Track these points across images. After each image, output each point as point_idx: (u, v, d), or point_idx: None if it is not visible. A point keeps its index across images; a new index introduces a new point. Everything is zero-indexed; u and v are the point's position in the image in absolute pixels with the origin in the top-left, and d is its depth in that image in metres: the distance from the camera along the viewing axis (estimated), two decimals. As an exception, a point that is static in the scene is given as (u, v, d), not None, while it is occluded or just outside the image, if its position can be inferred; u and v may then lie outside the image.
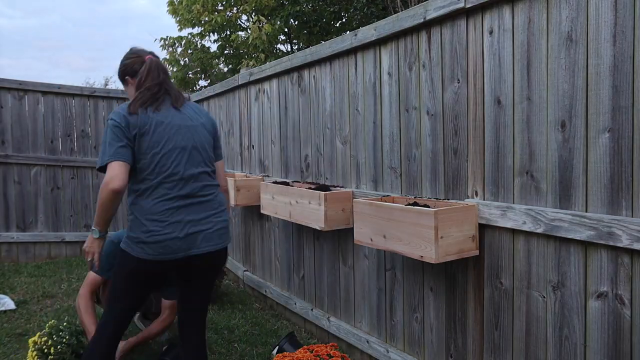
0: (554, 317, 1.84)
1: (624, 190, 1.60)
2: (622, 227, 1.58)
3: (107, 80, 25.42)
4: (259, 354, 3.13)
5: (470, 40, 2.10)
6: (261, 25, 8.73)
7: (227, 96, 4.87)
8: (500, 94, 1.99)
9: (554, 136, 1.80)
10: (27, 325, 3.67)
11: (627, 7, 1.56)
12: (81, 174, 5.90)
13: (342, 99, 2.98)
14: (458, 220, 2.01)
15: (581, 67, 1.70)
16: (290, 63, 3.46)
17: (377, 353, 2.75)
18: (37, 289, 4.54)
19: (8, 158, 5.53)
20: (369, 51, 2.73)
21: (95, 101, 5.97)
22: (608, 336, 1.67)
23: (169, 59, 10.63)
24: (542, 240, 1.86)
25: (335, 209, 2.81)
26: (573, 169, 1.75)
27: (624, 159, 1.60)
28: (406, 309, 2.58)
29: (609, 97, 1.62)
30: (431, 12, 2.23)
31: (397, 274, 2.62)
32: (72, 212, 5.87)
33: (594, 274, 1.70)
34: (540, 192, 1.86)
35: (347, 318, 3.07)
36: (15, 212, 5.61)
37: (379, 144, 2.69)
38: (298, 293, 3.63)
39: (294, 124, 3.54)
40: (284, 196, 3.19)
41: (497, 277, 2.06)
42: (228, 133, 4.86)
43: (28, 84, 5.63)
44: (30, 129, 5.64)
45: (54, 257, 5.76)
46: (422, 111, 2.38)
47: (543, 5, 1.82)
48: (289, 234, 3.71)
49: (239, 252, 4.71)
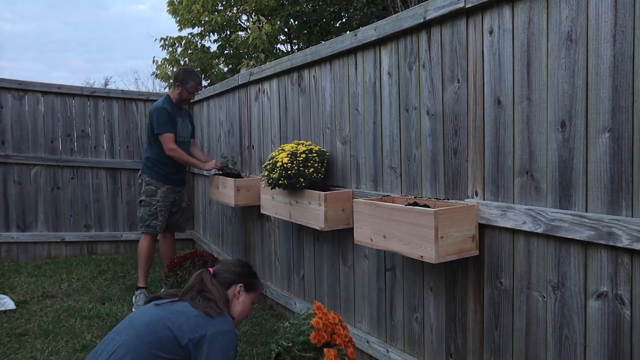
0: (554, 317, 1.84)
1: (624, 190, 1.60)
2: (622, 227, 1.58)
3: (107, 81, 25.41)
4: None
5: (470, 40, 2.10)
6: (261, 25, 8.72)
7: (227, 96, 4.87)
8: (500, 94, 1.99)
9: (554, 136, 1.80)
10: (27, 325, 3.67)
11: (627, 7, 1.56)
12: (81, 174, 5.90)
13: (342, 99, 2.98)
14: (458, 220, 2.01)
15: (581, 67, 1.70)
16: (290, 63, 3.46)
17: (377, 353, 2.75)
18: (37, 289, 4.54)
19: (8, 158, 5.53)
20: (369, 51, 2.73)
21: (95, 101, 5.97)
22: (608, 336, 1.67)
23: (169, 59, 10.62)
24: (542, 240, 1.86)
25: (335, 209, 2.81)
26: (573, 169, 1.75)
27: (624, 159, 1.60)
28: (406, 309, 2.58)
29: (609, 97, 1.62)
30: (431, 12, 2.23)
31: (397, 274, 2.62)
32: (72, 212, 5.87)
33: (594, 274, 1.70)
34: (540, 192, 1.86)
35: (347, 318, 3.07)
36: (15, 212, 5.61)
37: (379, 144, 2.69)
38: (298, 293, 3.63)
39: (294, 124, 3.54)
40: (284, 196, 3.19)
41: (497, 277, 2.06)
42: (228, 133, 4.86)
43: (28, 84, 5.63)
44: (30, 129, 5.65)
45: (54, 257, 5.77)
46: (422, 111, 2.39)
47: (543, 5, 1.82)
48: (289, 234, 3.71)
49: (239, 252, 4.71)
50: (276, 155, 3.12)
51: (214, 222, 5.48)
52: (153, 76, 11.66)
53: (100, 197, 5.99)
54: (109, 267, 5.31)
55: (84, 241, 5.89)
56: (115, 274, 5.05)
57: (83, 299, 4.26)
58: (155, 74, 10.97)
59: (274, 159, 3.11)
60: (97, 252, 5.97)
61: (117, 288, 4.59)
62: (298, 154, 3.00)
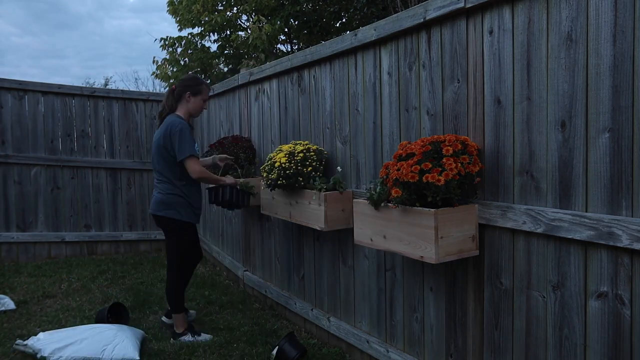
0: (554, 317, 1.83)
1: (624, 190, 1.60)
2: (622, 227, 1.58)
3: (107, 81, 25.39)
4: (259, 354, 3.13)
5: (470, 40, 2.10)
6: (261, 25, 8.72)
7: (227, 96, 4.87)
8: (500, 94, 1.99)
9: (554, 136, 1.80)
10: (27, 325, 3.67)
11: (627, 7, 1.56)
12: (81, 174, 5.90)
13: (342, 99, 2.98)
14: (458, 221, 2.01)
15: (581, 67, 1.70)
16: (290, 63, 3.46)
17: (377, 353, 2.75)
18: (37, 289, 4.54)
19: (8, 158, 5.53)
20: (369, 51, 2.73)
21: (95, 101, 5.97)
22: (608, 336, 1.67)
23: (169, 59, 10.62)
24: (542, 240, 1.86)
25: (335, 209, 2.81)
26: (573, 169, 1.75)
27: (624, 159, 1.60)
28: (406, 309, 2.58)
29: (609, 97, 1.62)
30: (431, 12, 2.23)
31: (397, 274, 2.62)
32: (72, 212, 5.86)
33: (594, 274, 1.70)
34: (540, 192, 1.86)
35: (347, 318, 3.07)
36: (15, 212, 5.61)
37: (379, 144, 2.69)
38: (298, 293, 3.63)
39: (294, 124, 3.54)
40: (284, 197, 3.19)
41: (497, 277, 2.06)
42: (228, 133, 4.86)
43: (28, 84, 5.63)
44: (30, 129, 5.64)
45: (54, 257, 5.76)
46: (422, 111, 2.38)
47: (543, 5, 1.82)
48: (289, 234, 3.71)
49: (239, 252, 4.71)
50: (274, 156, 3.13)
51: (214, 222, 5.47)
52: (153, 76, 11.65)
53: (100, 197, 5.99)
54: (109, 267, 5.31)
55: (84, 241, 5.89)
56: (115, 274, 5.05)
57: (83, 299, 4.26)
58: (155, 74, 10.97)
59: (272, 160, 3.12)
60: (97, 252, 5.97)
61: (117, 288, 4.59)
62: (295, 153, 3.01)
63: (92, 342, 2.99)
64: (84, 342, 2.99)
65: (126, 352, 2.97)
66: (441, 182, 1.90)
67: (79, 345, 2.96)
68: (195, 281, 4.78)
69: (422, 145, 2.04)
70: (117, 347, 2.99)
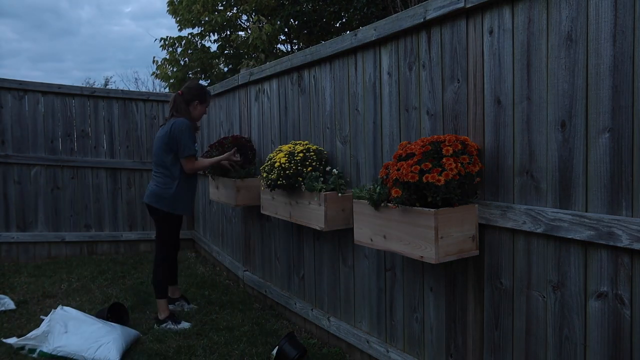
0: (554, 317, 1.83)
1: (624, 190, 1.60)
2: (622, 227, 1.58)
3: (107, 81, 25.44)
4: (259, 354, 3.13)
5: (470, 40, 2.10)
6: (261, 25, 8.73)
7: (227, 96, 4.87)
8: (500, 94, 1.99)
9: (554, 136, 1.80)
10: (27, 325, 3.67)
11: (627, 7, 1.56)
12: (81, 174, 5.90)
13: (342, 99, 2.98)
14: (458, 221, 2.01)
15: (581, 67, 1.70)
16: (290, 63, 3.46)
17: (377, 353, 2.75)
18: (37, 289, 4.54)
19: (8, 158, 5.53)
20: (369, 51, 2.73)
21: (95, 101, 5.97)
22: (608, 336, 1.67)
23: (169, 59, 10.63)
24: (542, 240, 1.86)
25: (335, 209, 2.81)
26: (573, 169, 1.75)
27: (624, 159, 1.60)
28: (406, 309, 2.58)
29: (609, 97, 1.62)
30: (431, 12, 2.23)
31: (397, 274, 2.62)
32: (72, 212, 5.86)
33: (594, 274, 1.70)
34: (540, 192, 1.86)
35: (347, 318, 3.07)
36: (15, 212, 5.61)
37: (379, 144, 2.69)
38: (298, 293, 3.63)
39: (294, 124, 3.54)
40: (284, 197, 3.19)
41: (497, 277, 2.06)
42: (228, 133, 4.86)
43: (28, 84, 5.63)
44: (30, 129, 5.64)
45: (54, 257, 5.76)
46: (422, 111, 2.38)
47: (543, 5, 1.82)
48: (289, 234, 3.71)
49: (239, 252, 4.71)
50: (274, 156, 3.13)
51: (214, 222, 5.47)
52: (153, 76, 11.66)
53: (100, 197, 5.98)
54: (109, 267, 5.31)
55: (84, 241, 5.89)
56: (115, 274, 5.05)
57: (83, 299, 4.26)
58: (155, 74, 10.98)
59: (271, 161, 3.12)
60: (97, 252, 5.97)
61: (117, 288, 4.59)
62: (295, 153, 3.01)
63: (80, 338, 3.09)
64: (72, 337, 3.10)
65: (109, 354, 3.00)
66: (441, 182, 1.90)
67: (67, 340, 3.09)
68: (196, 281, 4.78)
69: (422, 145, 2.04)
70: (101, 348, 3.03)
